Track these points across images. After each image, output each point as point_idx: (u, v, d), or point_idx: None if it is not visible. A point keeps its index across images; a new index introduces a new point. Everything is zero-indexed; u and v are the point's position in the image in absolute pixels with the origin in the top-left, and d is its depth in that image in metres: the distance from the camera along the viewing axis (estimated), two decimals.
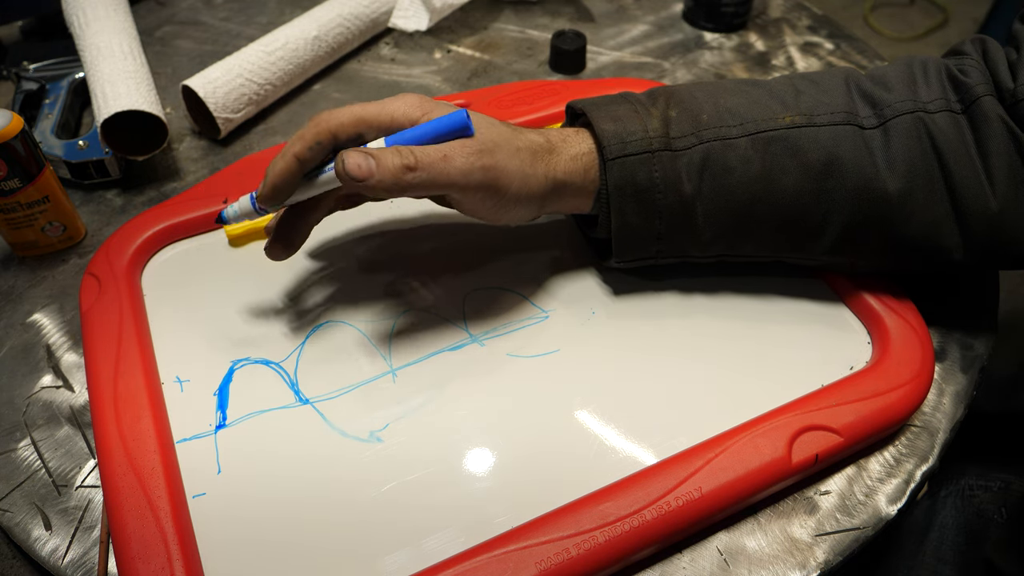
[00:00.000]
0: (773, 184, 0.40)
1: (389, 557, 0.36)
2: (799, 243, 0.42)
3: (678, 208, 0.41)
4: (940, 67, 0.42)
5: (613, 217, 0.41)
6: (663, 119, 0.41)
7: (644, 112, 0.42)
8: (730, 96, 0.42)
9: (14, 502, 0.40)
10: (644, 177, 0.40)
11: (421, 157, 0.37)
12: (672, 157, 0.40)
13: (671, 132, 0.41)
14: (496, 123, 0.40)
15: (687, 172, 0.40)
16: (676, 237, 0.42)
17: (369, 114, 0.38)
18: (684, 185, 0.40)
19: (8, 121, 0.45)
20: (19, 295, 0.49)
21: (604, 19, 0.74)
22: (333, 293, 0.47)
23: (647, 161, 0.40)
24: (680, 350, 0.44)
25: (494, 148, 0.38)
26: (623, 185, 0.40)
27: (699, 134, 0.41)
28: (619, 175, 0.40)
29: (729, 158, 0.40)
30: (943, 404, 0.43)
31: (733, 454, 0.38)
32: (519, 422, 0.41)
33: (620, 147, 0.40)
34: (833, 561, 0.37)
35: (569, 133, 0.42)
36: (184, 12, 0.75)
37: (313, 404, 0.42)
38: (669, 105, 0.42)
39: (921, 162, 0.39)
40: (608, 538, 0.35)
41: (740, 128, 0.41)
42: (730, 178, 0.40)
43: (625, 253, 0.43)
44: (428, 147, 0.37)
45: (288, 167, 0.37)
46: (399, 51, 0.70)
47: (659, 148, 0.40)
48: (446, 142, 0.38)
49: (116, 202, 0.56)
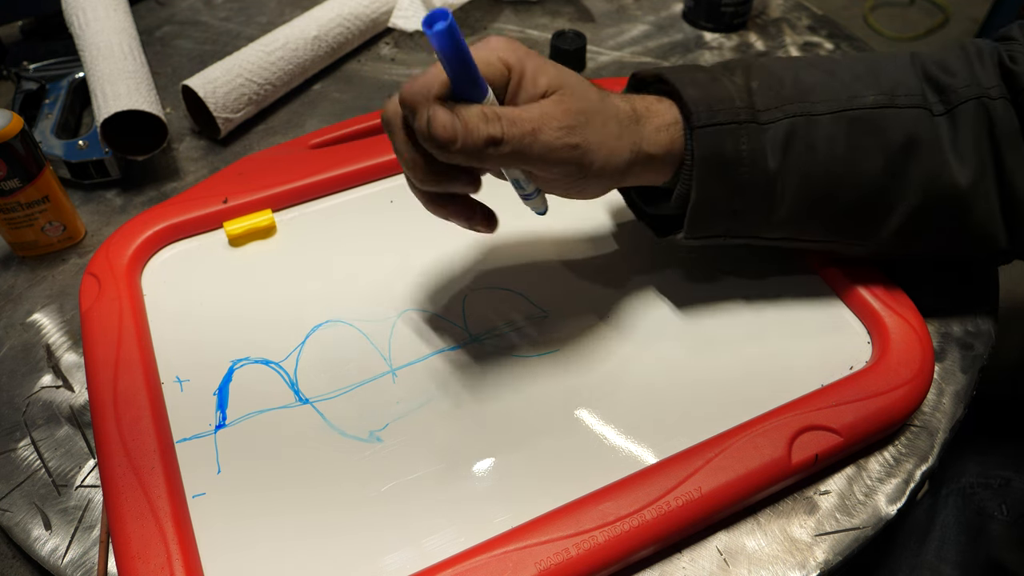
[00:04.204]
0: (854, 165, 0.39)
1: (389, 557, 0.36)
2: (865, 228, 0.41)
3: (760, 184, 0.39)
4: (993, 52, 0.40)
5: (695, 190, 0.39)
6: (746, 89, 0.39)
7: (727, 80, 0.39)
8: (809, 71, 0.40)
9: (14, 502, 0.40)
10: (731, 149, 0.38)
11: (508, 129, 0.33)
12: (758, 130, 0.38)
13: (756, 104, 0.39)
14: (586, 86, 0.36)
15: (771, 147, 0.38)
16: (750, 215, 0.40)
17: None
18: (768, 160, 0.39)
19: (8, 121, 0.45)
20: (19, 295, 0.49)
21: (604, 19, 0.74)
22: (333, 293, 0.47)
23: (735, 132, 0.38)
24: (680, 350, 0.44)
25: (585, 122, 0.35)
26: (709, 156, 0.38)
27: (783, 108, 0.39)
28: (707, 145, 0.38)
29: (813, 135, 0.39)
30: (943, 404, 0.43)
31: (733, 454, 0.38)
32: (519, 422, 0.41)
33: (709, 115, 0.38)
34: (833, 561, 0.37)
35: (652, 101, 0.39)
36: (184, 12, 0.75)
37: (313, 404, 0.42)
38: (749, 75, 0.40)
39: (984, 151, 0.39)
40: (608, 538, 0.35)
41: (824, 105, 0.39)
42: (813, 156, 0.39)
43: (697, 229, 0.40)
44: (517, 113, 0.34)
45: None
46: (399, 51, 0.70)
47: (746, 119, 0.38)
48: (536, 108, 0.34)
49: (116, 202, 0.56)
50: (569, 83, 0.36)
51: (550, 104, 0.35)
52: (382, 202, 0.53)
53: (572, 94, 0.35)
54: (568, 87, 0.35)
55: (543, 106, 0.35)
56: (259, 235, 0.51)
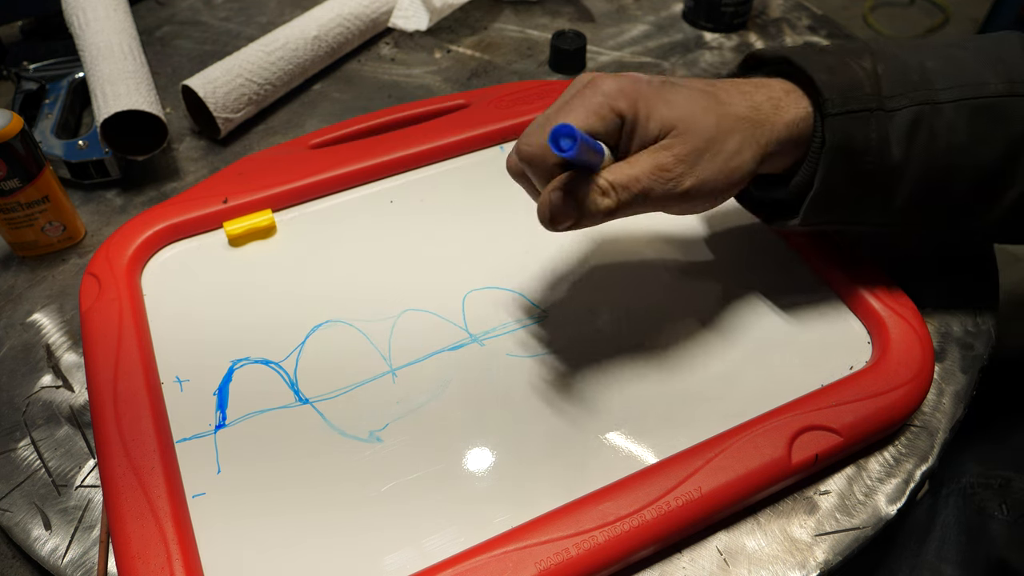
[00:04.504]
0: (974, 156, 0.38)
1: (389, 557, 0.36)
2: (970, 218, 0.41)
3: (882, 174, 0.38)
4: None
5: (819, 179, 0.38)
6: (874, 74, 0.38)
7: (855, 64, 0.38)
8: (932, 57, 0.39)
9: (14, 502, 0.40)
10: (860, 138, 0.37)
11: (622, 196, 0.35)
12: (885, 118, 0.37)
13: (883, 90, 0.38)
14: (700, 111, 0.36)
15: (896, 136, 0.38)
16: (868, 203, 0.39)
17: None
18: (893, 149, 0.38)
19: (8, 121, 0.45)
20: (19, 295, 0.49)
21: (604, 19, 0.74)
22: (333, 293, 0.47)
23: (865, 120, 0.37)
24: (680, 350, 0.44)
25: (698, 159, 0.35)
26: (839, 145, 0.37)
27: (909, 95, 0.38)
28: (838, 133, 0.37)
29: (936, 123, 0.38)
30: (943, 404, 0.43)
31: (733, 454, 0.38)
32: (519, 422, 0.41)
33: (842, 102, 0.37)
34: (833, 561, 0.37)
35: (779, 95, 0.38)
36: (184, 12, 0.75)
37: (313, 404, 0.42)
38: (875, 60, 0.39)
39: None
40: (608, 538, 0.35)
41: (948, 92, 0.38)
42: (935, 145, 0.38)
43: (815, 216, 0.40)
44: (629, 177, 0.35)
45: None
46: (399, 51, 0.70)
47: (875, 107, 0.37)
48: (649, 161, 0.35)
49: (116, 202, 0.56)
50: (682, 119, 0.36)
51: (662, 154, 0.35)
52: (382, 202, 0.53)
53: (685, 132, 0.35)
54: (681, 125, 0.35)
55: (656, 158, 0.35)
56: (259, 235, 0.51)
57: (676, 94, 0.37)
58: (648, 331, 0.45)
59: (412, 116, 0.58)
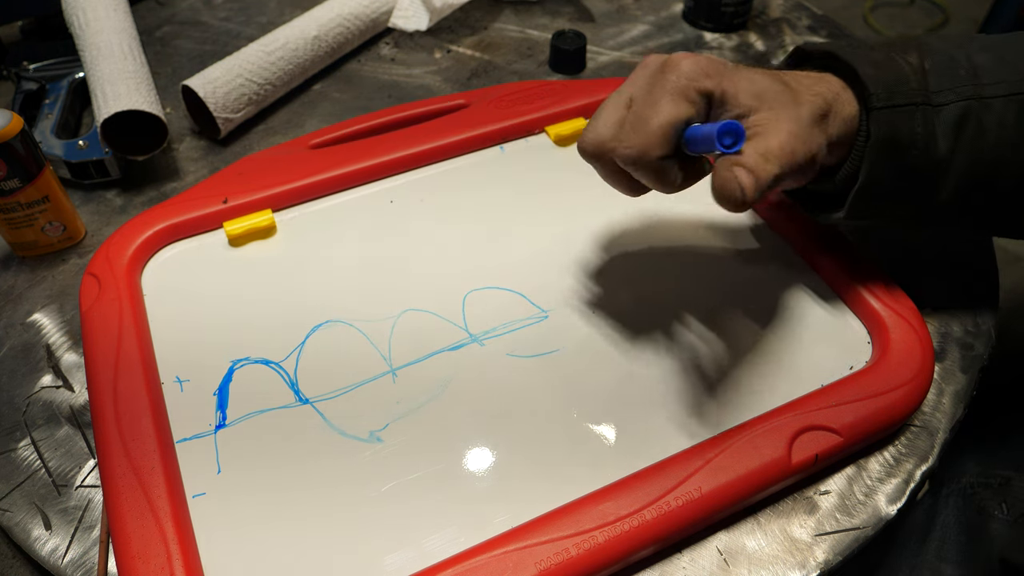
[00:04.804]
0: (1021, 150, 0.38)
1: (389, 557, 0.36)
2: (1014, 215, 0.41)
3: (928, 168, 0.38)
4: None
5: (863, 172, 0.38)
6: (920, 69, 0.38)
7: (901, 59, 0.39)
8: (981, 51, 0.39)
9: (14, 502, 0.40)
10: (906, 132, 0.38)
11: (784, 160, 0.34)
12: (931, 112, 0.38)
13: (930, 85, 0.38)
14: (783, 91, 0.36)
15: (943, 130, 0.38)
16: (914, 198, 0.40)
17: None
18: (939, 143, 0.38)
19: (8, 121, 0.45)
20: (19, 295, 0.49)
21: (604, 19, 0.74)
22: (333, 293, 0.47)
23: (911, 114, 0.37)
24: (680, 350, 0.44)
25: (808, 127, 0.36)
26: (884, 139, 0.37)
27: (956, 90, 0.38)
28: (883, 127, 0.37)
29: (985, 118, 0.38)
30: (943, 404, 0.43)
31: (733, 454, 0.38)
32: (519, 422, 0.41)
33: (887, 96, 0.37)
34: (833, 561, 0.37)
35: (837, 89, 0.38)
36: (184, 12, 0.75)
37: (313, 404, 0.42)
38: (922, 55, 0.39)
39: None
40: (608, 538, 0.35)
41: (997, 87, 0.38)
42: (983, 140, 0.38)
43: (859, 210, 0.40)
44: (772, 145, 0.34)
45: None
46: (399, 51, 0.70)
47: (921, 101, 0.38)
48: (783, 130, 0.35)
49: (116, 202, 0.56)
50: (767, 94, 0.36)
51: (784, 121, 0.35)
52: (382, 202, 0.53)
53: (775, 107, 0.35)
54: (769, 100, 0.36)
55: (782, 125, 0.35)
56: (259, 235, 0.51)
57: (752, 72, 0.37)
58: (648, 331, 0.45)
59: (412, 116, 0.58)
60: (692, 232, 0.51)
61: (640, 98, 0.36)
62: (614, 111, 0.37)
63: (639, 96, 0.37)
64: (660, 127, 0.35)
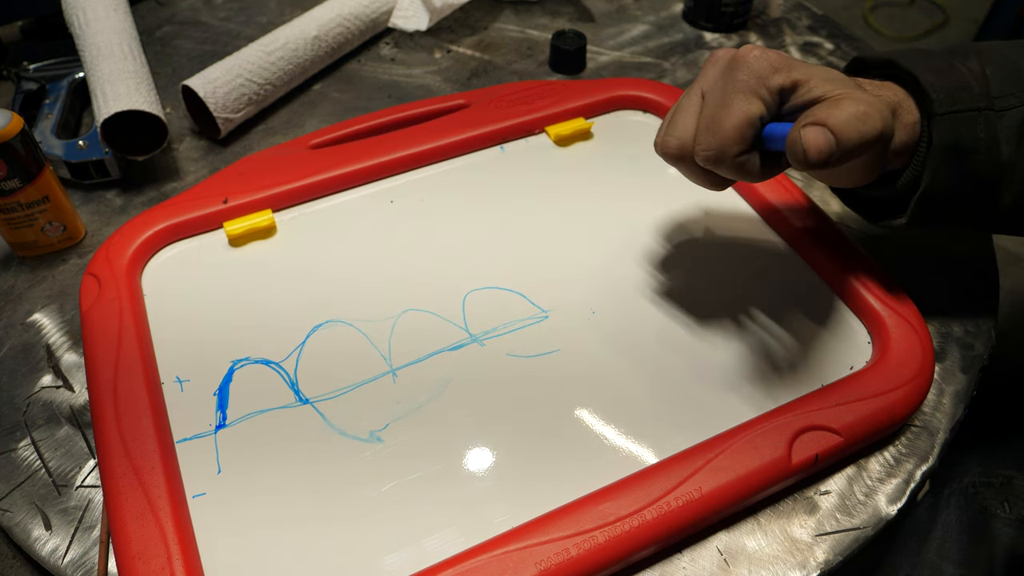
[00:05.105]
0: None
1: (389, 557, 0.36)
2: None
3: (991, 173, 0.38)
4: None
5: (926, 178, 0.38)
6: (982, 75, 0.39)
7: (962, 65, 0.39)
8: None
9: (14, 502, 0.40)
10: (968, 137, 0.38)
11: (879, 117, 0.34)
12: (994, 117, 0.38)
13: (992, 90, 0.38)
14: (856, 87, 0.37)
15: (1006, 135, 0.38)
16: (975, 202, 0.40)
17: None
18: (1002, 148, 0.38)
19: (8, 121, 0.45)
20: (19, 295, 0.49)
21: (604, 19, 0.74)
22: (333, 293, 0.47)
23: (973, 120, 0.38)
24: (680, 350, 0.44)
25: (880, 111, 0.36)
26: (947, 145, 0.38)
27: (1019, 94, 0.38)
28: (945, 133, 0.38)
29: None
30: (943, 404, 0.43)
31: (733, 454, 0.38)
32: (519, 422, 0.41)
33: (949, 102, 0.38)
34: (833, 561, 0.37)
35: (901, 97, 0.39)
36: (184, 12, 0.75)
37: (313, 404, 0.42)
38: (983, 60, 0.39)
39: None
40: (608, 538, 0.35)
41: None
42: None
43: (921, 216, 0.40)
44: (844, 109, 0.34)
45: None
46: (399, 51, 0.70)
47: (984, 107, 0.38)
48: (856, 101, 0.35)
49: (116, 202, 0.56)
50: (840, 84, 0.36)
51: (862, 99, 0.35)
52: (382, 202, 0.53)
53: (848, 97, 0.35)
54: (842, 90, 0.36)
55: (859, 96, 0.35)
56: (259, 235, 0.51)
57: (823, 68, 0.37)
58: (648, 331, 0.45)
59: (412, 116, 0.58)
60: (692, 233, 0.51)
61: (712, 98, 0.37)
62: (690, 112, 0.38)
63: (711, 95, 0.37)
64: (735, 127, 0.36)
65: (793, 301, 0.46)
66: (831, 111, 0.34)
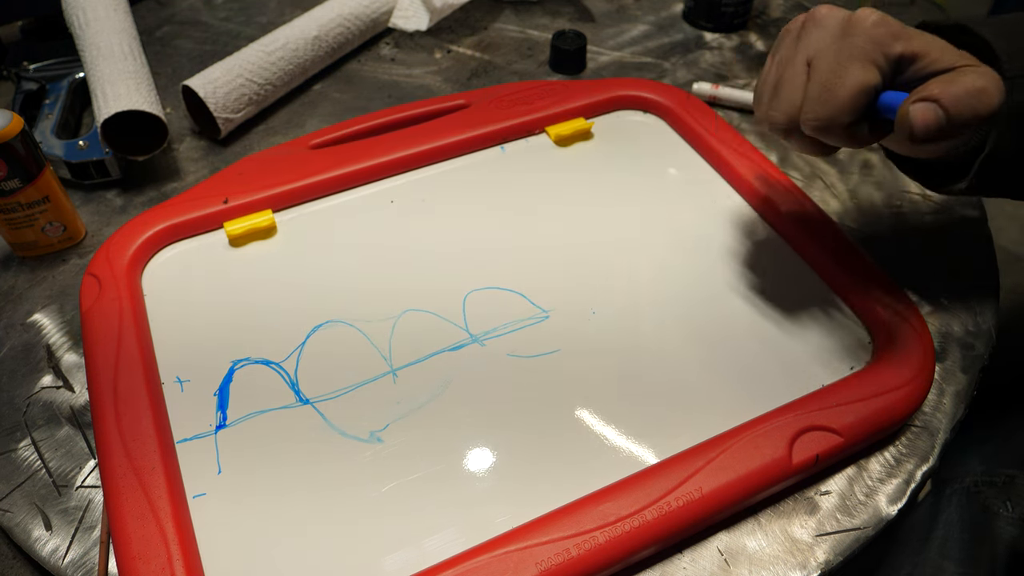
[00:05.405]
0: None
1: (389, 557, 0.36)
2: None
3: None
4: None
5: (991, 140, 0.37)
6: None
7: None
8: None
9: (14, 502, 0.40)
10: None
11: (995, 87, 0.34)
12: None
13: None
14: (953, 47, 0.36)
15: None
16: None
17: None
18: None
19: (8, 121, 0.45)
20: (19, 295, 0.49)
21: (604, 19, 0.74)
22: (333, 293, 0.47)
23: None
24: (680, 350, 0.44)
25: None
26: (1014, 106, 0.36)
27: None
28: (1014, 96, 0.36)
29: None
30: (943, 404, 0.43)
31: (733, 454, 0.37)
32: (519, 422, 0.41)
33: (1020, 66, 0.37)
34: (834, 561, 0.37)
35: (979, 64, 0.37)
36: (184, 12, 0.75)
37: (313, 404, 0.42)
38: None
39: None
40: (608, 538, 0.35)
41: None
42: None
43: (984, 180, 0.39)
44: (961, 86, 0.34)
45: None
46: (399, 51, 0.70)
47: None
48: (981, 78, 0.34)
49: (116, 202, 0.56)
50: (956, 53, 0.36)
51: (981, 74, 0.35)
52: (382, 202, 0.53)
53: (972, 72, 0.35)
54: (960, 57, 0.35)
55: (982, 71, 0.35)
56: (259, 235, 0.50)
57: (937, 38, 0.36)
58: (648, 331, 0.45)
59: (412, 116, 0.58)
60: (693, 233, 0.51)
61: (824, 63, 0.36)
62: (797, 83, 0.36)
63: (822, 60, 0.36)
64: (850, 97, 0.34)
65: (793, 301, 0.46)
66: (946, 87, 0.34)
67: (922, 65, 0.36)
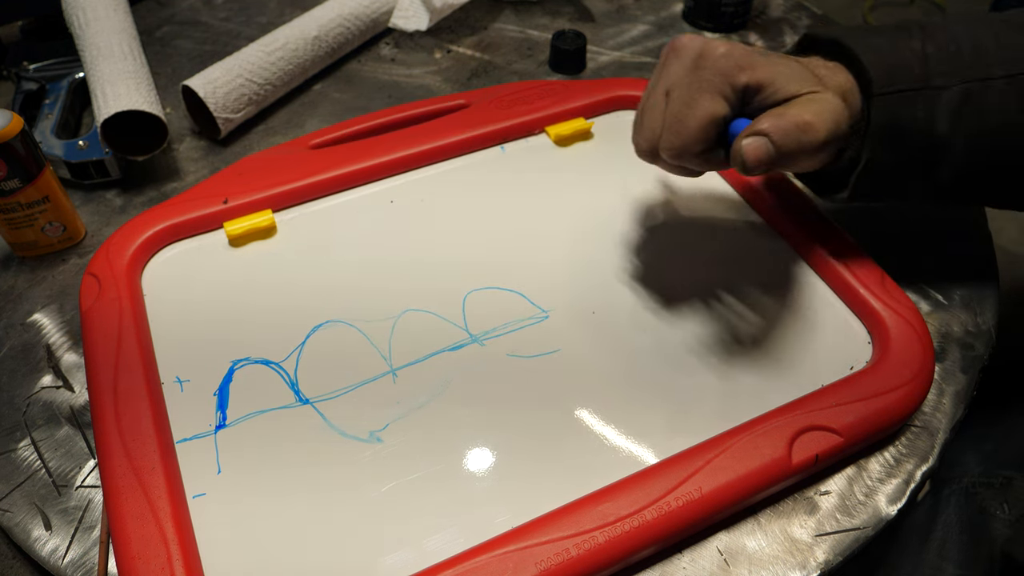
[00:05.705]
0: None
1: (389, 557, 0.36)
2: (1012, 193, 0.41)
3: (929, 150, 0.39)
4: None
5: (864, 155, 0.39)
6: (922, 55, 0.39)
7: (904, 44, 0.40)
8: (986, 33, 0.40)
9: (14, 502, 0.40)
10: (906, 116, 0.39)
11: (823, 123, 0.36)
12: (932, 95, 0.39)
13: (931, 69, 0.39)
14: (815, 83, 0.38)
15: (943, 113, 0.39)
16: (914, 178, 0.41)
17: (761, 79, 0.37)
18: (939, 126, 0.39)
19: (8, 121, 0.45)
20: (19, 295, 0.49)
21: (604, 19, 0.74)
22: (333, 293, 0.47)
23: (911, 99, 0.38)
24: (680, 350, 0.44)
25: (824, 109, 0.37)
26: (884, 123, 0.38)
27: (959, 73, 0.39)
28: (884, 112, 0.38)
29: (987, 100, 0.38)
30: (943, 404, 0.43)
31: (733, 454, 0.37)
32: (519, 422, 0.41)
33: (888, 82, 0.38)
34: (833, 561, 0.37)
35: (851, 85, 0.40)
36: (184, 12, 0.75)
37: (313, 404, 0.42)
38: (925, 39, 0.40)
39: None
40: (608, 538, 0.35)
41: (1000, 68, 0.39)
42: (985, 122, 0.39)
43: (863, 190, 0.41)
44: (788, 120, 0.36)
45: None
46: (399, 51, 0.70)
47: (921, 86, 0.39)
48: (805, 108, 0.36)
49: (116, 202, 0.56)
50: (804, 81, 0.37)
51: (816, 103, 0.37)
52: (382, 202, 0.53)
53: (811, 101, 0.37)
54: (805, 84, 0.37)
55: (813, 106, 0.37)
56: (259, 235, 0.50)
57: (782, 59, 0.38)
58: (648, 331, 0.45)
59: (412, 116, 0.58)
60: (692, 233, 0.51)
61: (678, 95, 0.38)
62: (656, 112, 0.39)
63: (676, 93, 0.38)
64: (699, 128, 0.37)
65: (793, 301, 0.46)
66: (776, 121, 0.36)
67: (765, 95, 0.37)
